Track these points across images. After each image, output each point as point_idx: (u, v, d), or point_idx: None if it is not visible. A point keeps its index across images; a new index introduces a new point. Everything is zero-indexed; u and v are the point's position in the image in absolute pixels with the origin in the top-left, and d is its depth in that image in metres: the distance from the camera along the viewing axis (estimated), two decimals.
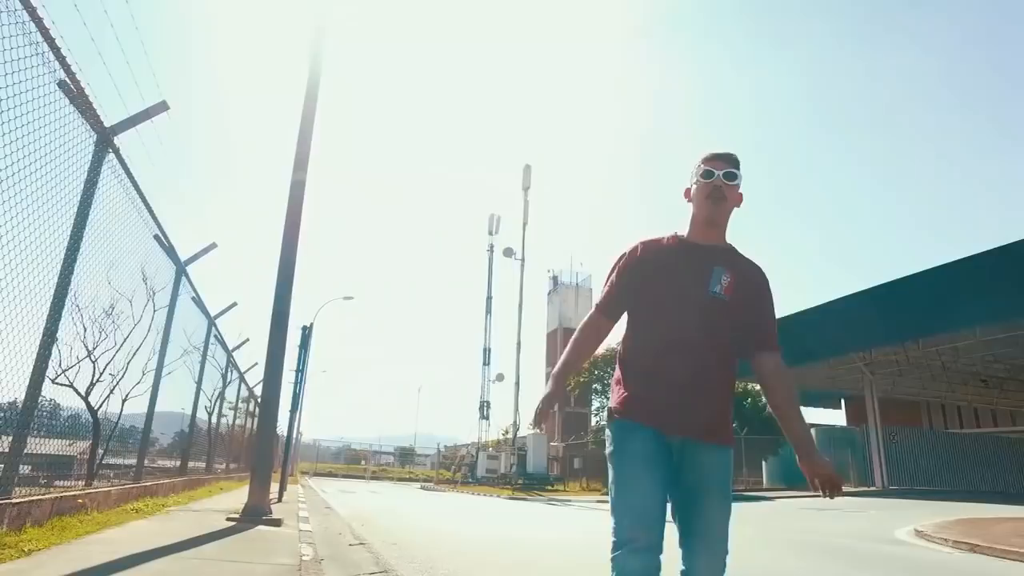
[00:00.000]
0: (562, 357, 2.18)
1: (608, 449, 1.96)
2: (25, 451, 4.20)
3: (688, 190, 2.13)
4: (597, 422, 37.91)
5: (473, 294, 44.19)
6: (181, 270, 8.21)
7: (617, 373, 2.05)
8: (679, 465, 1.89)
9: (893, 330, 22.84)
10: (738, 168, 2.04)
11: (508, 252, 40.08)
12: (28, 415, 4.14)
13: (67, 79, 4.21)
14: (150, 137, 5.42)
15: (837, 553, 6.97)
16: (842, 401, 40.06)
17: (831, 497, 1.85)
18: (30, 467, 5.63)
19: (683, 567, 1.87)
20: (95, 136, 4.74)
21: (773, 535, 9.07)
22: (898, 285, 21.56)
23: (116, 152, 5.01)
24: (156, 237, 7.02)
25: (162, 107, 5.06)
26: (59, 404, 5.82)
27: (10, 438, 3.99)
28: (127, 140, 5.19)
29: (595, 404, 34.92)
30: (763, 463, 33.02)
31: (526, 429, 33.76)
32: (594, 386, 32.69)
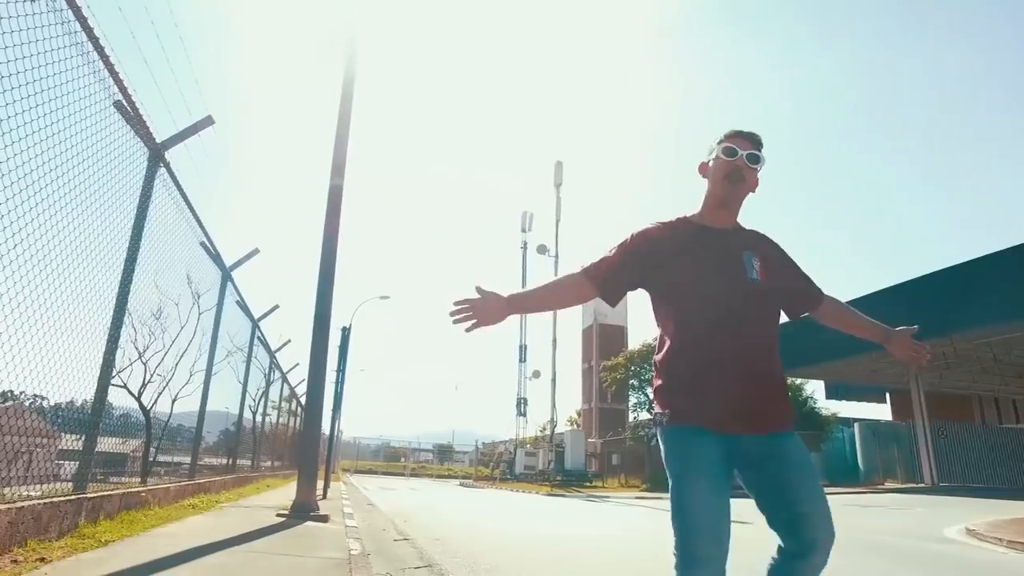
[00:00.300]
0: (526, 291, 2.04)
1: (665, 459, 1.81)
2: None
3: (704, 164, 2.00)
4: (634, 418, 37.65)
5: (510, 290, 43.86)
6: (227, 275, 8.52)
7: (659, 377, 1.90)
8: (753, 462, 1.78)
9: (936, 322, 22.14)
10: (761, 150, 1.93)
11: (542, 249, 40.11)
12: (97, 416, 4.42)
13: (123, 99, 4.45)
14: (196, 150, 5.69)
15: (881, 551, 6.85)
16: (887, 395, 38.98)
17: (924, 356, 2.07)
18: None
19: (798, 538, 1.74)
20: (148, 152, 4.99)
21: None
22: (940, 276, 20.91)
23: (167, 166, 5.28)
24: (203, 244, 7.31)
25: (208, 122, 5.30)
26: (111, 404, 6.16)
27: (83, 437, 4.26)
28: (175, 153, 5.47)
29: (632, 400, 34.64)
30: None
31: (538, 427, 33.77)
32: (631, 382, 32.39)
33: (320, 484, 10.41)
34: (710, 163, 1.98)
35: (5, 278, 3.06)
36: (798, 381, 31.71)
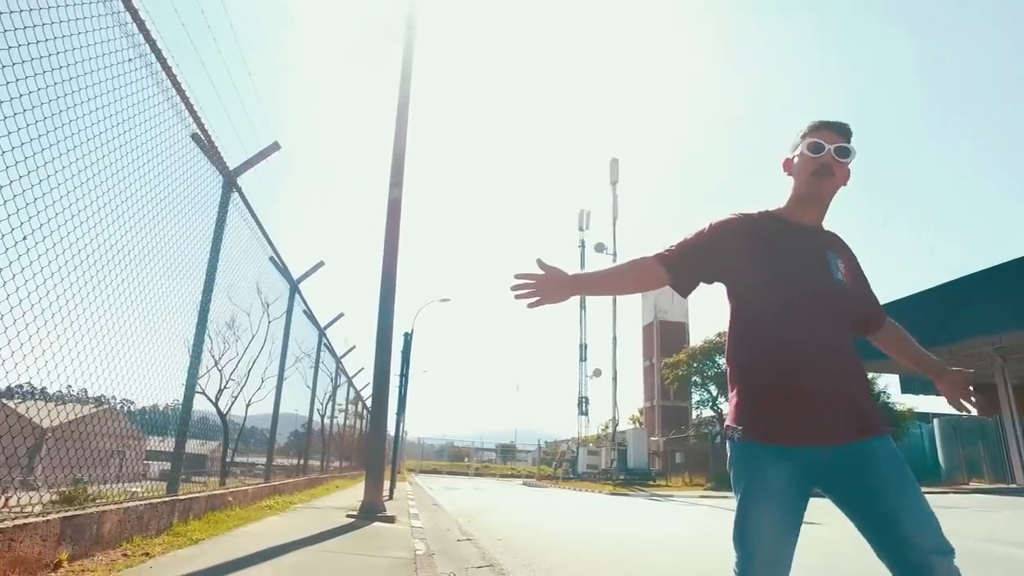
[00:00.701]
0: (595, 273, 1.90)
1: (733, 475, 1.71)
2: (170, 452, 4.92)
3: (788, 161, 1.89)
4: (697, 415, 37.00)
5: None
6: (294, 287, 9.00)
7: (734, 384, 1.78)
8: (844, 476, 1.64)
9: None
10: (850, 142, 1.80)
11: (599, 247, 39.91)
12: (185, 423, 4.83)
13: (199, 131, 4.84)
14: (264, 172, 6.09)
15: (961, 555, 6.55)
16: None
17: (986, 411, 1.81)
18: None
19: (914, 545, 1.52)
20: (222, 179, 5.40)
21: None
22: None
23: (239, 191, 5.67)
24: (271, 259, 7.78)
25: (274, 147, 5.65)
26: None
27: (173, 443, 4.68)
28: (245, 177, 5.88)
29: (695, 398, 34.05)
30: None
31: (600, 426, 33.54)
32: (694, 379, 31.87)
33: (386, 485, 10.82)
34: (795, 159, 1.86)
35: (107, 296, 3.44)
36: (870, 376, 30.35)
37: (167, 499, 4.41)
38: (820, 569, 5.13)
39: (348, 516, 6.87)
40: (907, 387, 36.53)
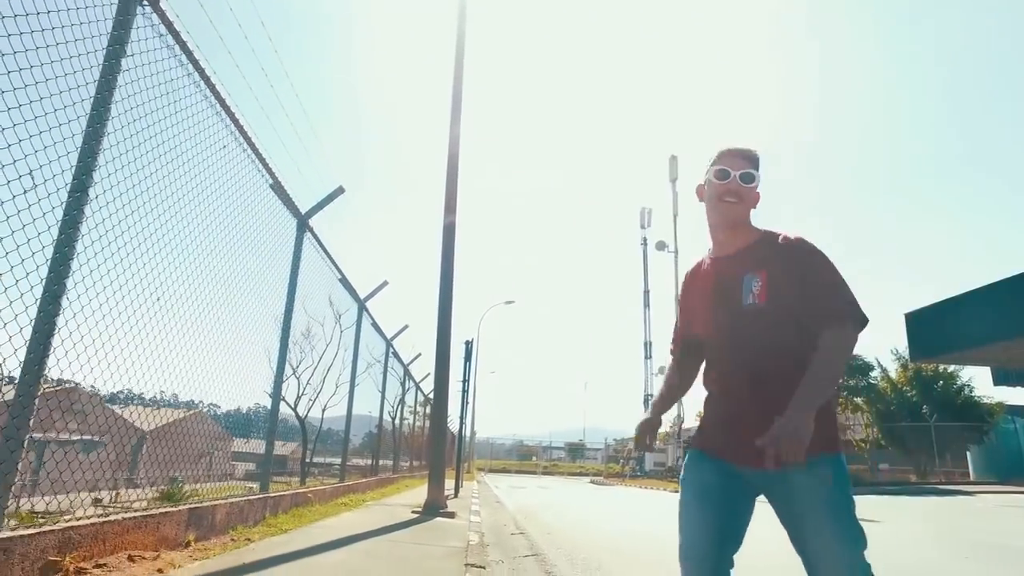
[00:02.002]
0: (658, 397, 2.13)
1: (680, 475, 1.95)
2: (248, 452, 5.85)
3: (700, 187, 1.95)
4: None
5: (631, 287, 43.88)
6: (361, 305, 9.94)
7: None
8: (772, 497, 1.75)
9: None
10: (757, 168, 1.87)
11: (660, 245, 39.76)
12: (273, 429, 5.74)
13: (274, 182, 5.71)
14: (330, 213, 6.91)
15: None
16: None
17: (782, 461, 1.50)
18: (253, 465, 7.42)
19: None
20: (296, 220, 6.28)
21: (956, 534, 8.69)
22: None
23: (311, 230, 6.55)
24: (341, 281, 8.70)
25: (339, 191, 6.47)
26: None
27: (258, 443, 5.59)
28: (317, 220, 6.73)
29: None
30: (967, 454, 29.54)
31: (668, 423, 33.37)
32: None
33: (451, 484, 11.64)
34: (705, 185, 1.93)
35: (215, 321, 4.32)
36: (950, 369, 28.90)
37: (261, 496, 5.33)
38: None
39: (413, 512, 7.65)
40: (1000, 379, 34.32)
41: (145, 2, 3.29)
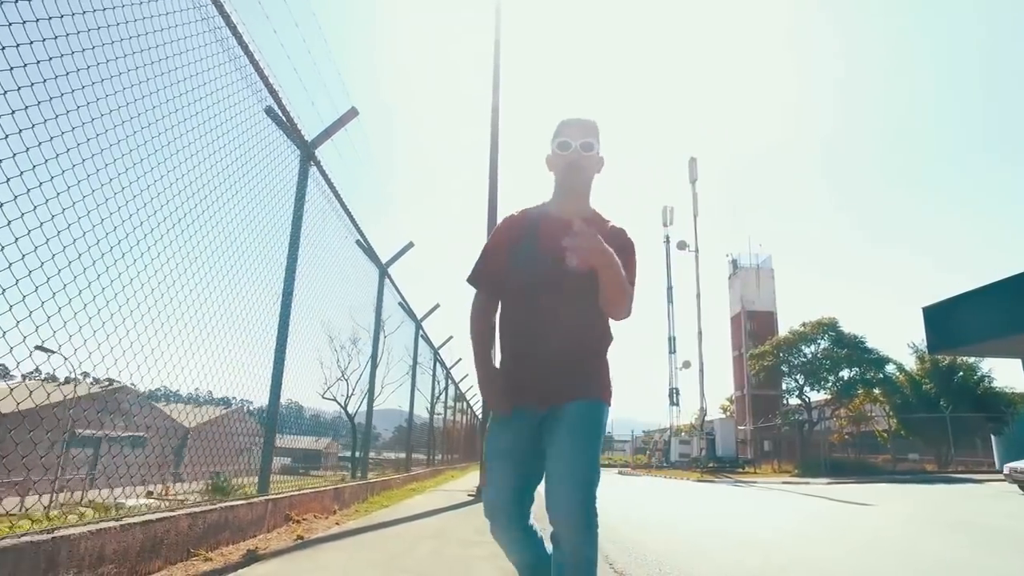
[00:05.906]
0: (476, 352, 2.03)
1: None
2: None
3: (549, 158, 2.06)
4: (786, 403, 37.37)
5: (655, 282, 45.16)
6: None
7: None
8: (544, 432, 1.87)
9: None
10: (597, 137, 2.00)
11: (682, 245, 40.79)
12: (367, 438, 7.60)
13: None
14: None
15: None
16: None
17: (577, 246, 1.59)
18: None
19: (551, 506, 1.73)
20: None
21: (936, 515, 8.60)
22: None
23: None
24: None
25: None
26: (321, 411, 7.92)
27: (358, 449, 7.46)
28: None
29: (783, 386, 34.45)
30: (992, 443, 29.96)
31: (693, 415, 34.58)
32: (782, 367, 32.37)
33: None
34: (551, 156, 2.04)
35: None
36: (970, 361, 29.49)
37: (363, 482, 7.24)
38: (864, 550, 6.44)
39: (468, 495, 9.40)
40: None
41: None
